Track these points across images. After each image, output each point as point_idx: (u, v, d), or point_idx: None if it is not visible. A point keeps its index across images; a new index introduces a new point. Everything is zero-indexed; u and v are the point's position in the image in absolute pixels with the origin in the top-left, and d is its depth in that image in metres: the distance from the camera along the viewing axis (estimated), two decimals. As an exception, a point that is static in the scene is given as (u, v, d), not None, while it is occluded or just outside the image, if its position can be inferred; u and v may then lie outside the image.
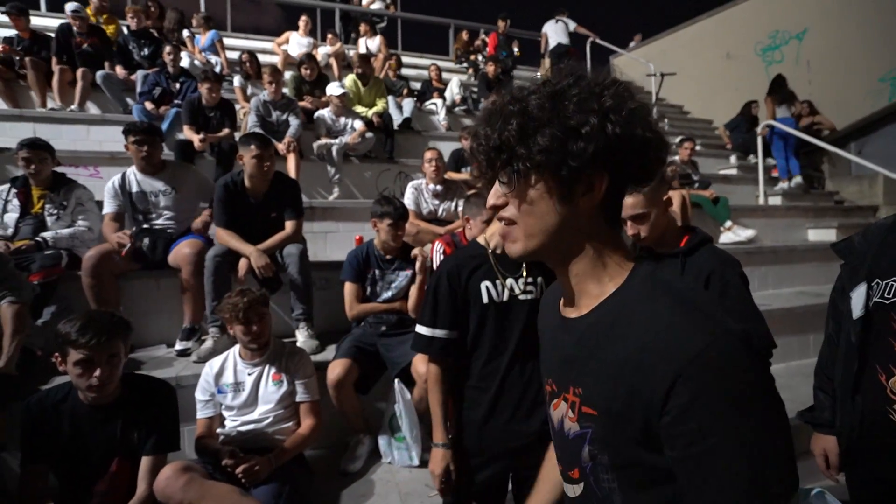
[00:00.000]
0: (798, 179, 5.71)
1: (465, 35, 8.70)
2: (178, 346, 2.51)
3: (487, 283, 1.31)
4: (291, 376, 2.02)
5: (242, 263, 2.54)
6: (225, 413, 1.99)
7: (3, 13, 4.83)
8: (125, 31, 5.14)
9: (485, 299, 1.30)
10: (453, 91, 6.26)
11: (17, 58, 4.59)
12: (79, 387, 1.60)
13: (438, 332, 1.33)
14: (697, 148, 5.43)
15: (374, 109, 4.89)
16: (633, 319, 0.56)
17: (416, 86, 6.38)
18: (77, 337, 1.53)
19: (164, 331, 2.68)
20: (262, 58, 5.83)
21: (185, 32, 5.92)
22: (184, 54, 5.13)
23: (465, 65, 8.28)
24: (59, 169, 2.93)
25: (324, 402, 2.13)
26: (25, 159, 2.69)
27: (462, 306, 1.32)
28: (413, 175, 4.44)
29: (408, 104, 5.37)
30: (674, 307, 0.54)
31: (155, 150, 2.75)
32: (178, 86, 4.53)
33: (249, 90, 4.91)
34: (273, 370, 2.01)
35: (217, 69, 5.61)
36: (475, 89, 6.65)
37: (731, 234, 4.50)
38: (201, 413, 1.98)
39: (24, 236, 2.63)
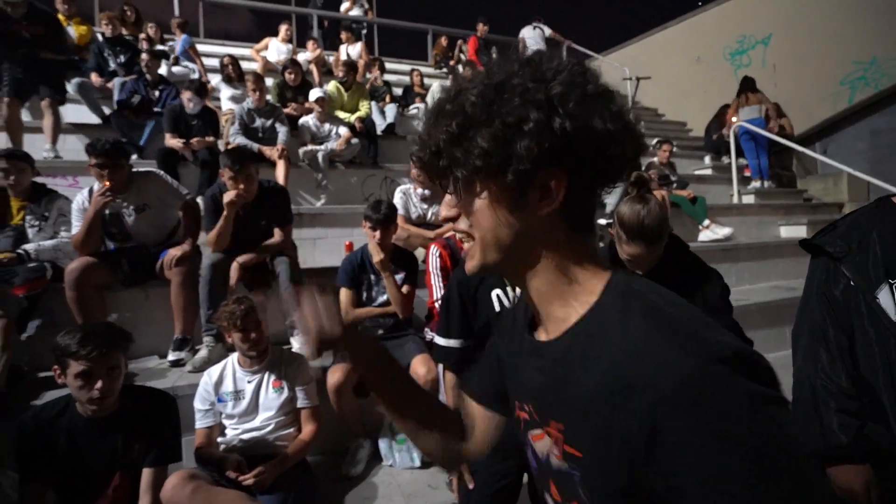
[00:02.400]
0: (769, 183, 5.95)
1: (443, 41, 8.79)
2: (171, 356, 2.47)
3: (499, 290, 1.33)
4: (291, 382, 2.03)
5: (233, 271, 2.52)
6: (225, 422, 1.97)
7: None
8: (100, 38, 5.03)
9: (496, 307, 1.31)
10: (435, 96, 6.30)
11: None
12: (79, 399, 1.57)
13: (452, 343, 1.37)
14: (674, 149, 5.61)
15: (357, 114, 4.90)
16: (606, 344, 0.47)
17: (398, 91, 6.42)
18: (77, 349, 1.51)
19: (155, 342, 2.63)
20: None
21: (169, 44, 5.82)
22: (163, 62, 5.04)
23: (444, 70, 8.37)
24: (39, 179, 2.86)
25: (323, 408, 2.13)
26: (3, 170, 2.61)
27: (473, 316, 1.34)
28: (399, 180, 4.47)
29: (391, 109, 5.40)
30: (651, 326, 0.45)
31: (119, 174, 2.51)
32: (157, 93, 4.45)
33: (230, 93, 4.86)
34: (273, 377, 2.01)
35: (195, 76, 5.54)
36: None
37: (710, 233, 4.67)
38: (201, 423, 1.96)
39: (3, 248, 2.55)
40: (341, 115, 4.86)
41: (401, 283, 2.57)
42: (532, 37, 7.99)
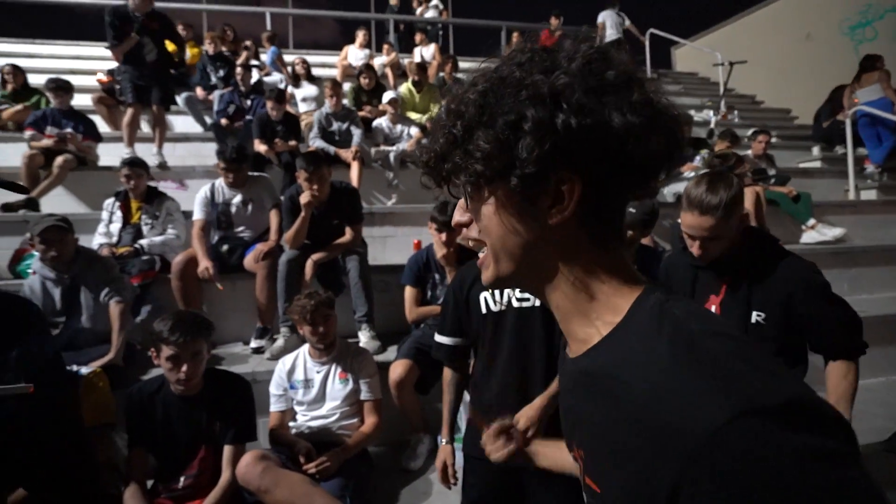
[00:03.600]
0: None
1: (515, 38, 8.64)
2: (253, 343, 2.71)
3: (486, 294, 1.38)
4: (356, 375, 2.12)
5: (308, 268, 2.69)
6: (296, 408, 2.12)
7: (106, 48, 5.45)
8: (205, 55, 5.62)
9: (483, 309, 1.37)
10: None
11: (117, 86, 5.16)
12: (169, 379, 1.78)
13: (445, 340, 1.47)
14: (773, 140, 5.03)
15: (429, 115, 5.00)
16: (627, 375, 0.41)
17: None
18: (168, 335, 1.71)
19: (240, 329, 2.90)
20: (322, 71, 6.15)
21: (262, 58, 6.37)
22: (255, 72, 5.52)
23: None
24: (152, 183, 3.27)
25: (385, 401, 2.21)
26: (126, 176, 3.03)
27: (465, 316, 1.41)
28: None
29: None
30: (681, 360, 0.38)
31: (239, 175, 2.95)
32: (248, 102, 4.89)
33: (302, 94, 5.23)
34: (339, 369, 2.12)
35: (282, 85, 6.00)
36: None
37: (815, 234, 4.12)
38: (275, 406, 2.12)
39: (125, 243, 2.96)
40: (413, 115, 4.99)
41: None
42: (613, 21, 7.58)
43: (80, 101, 4.53)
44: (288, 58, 6.68)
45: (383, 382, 2.25)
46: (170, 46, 4.47)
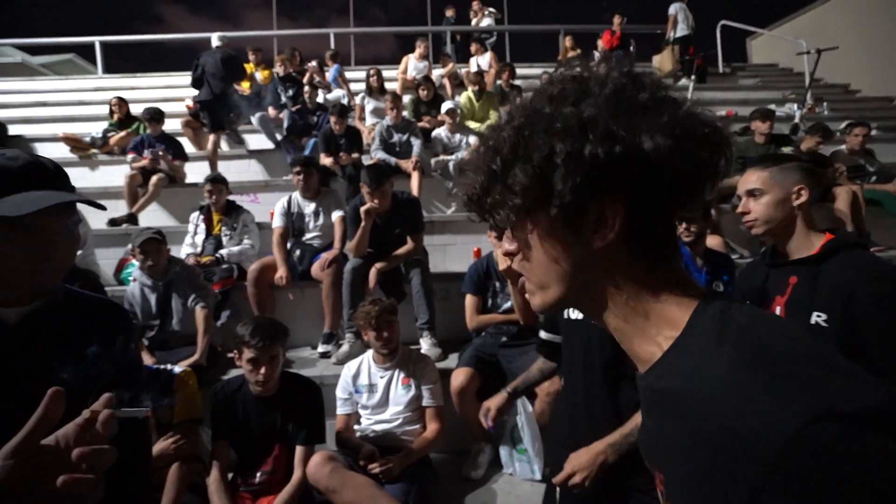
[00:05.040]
0: None
1: (568, 42, 8.45)
2: (320, 348, 2.83)
3: None
4: (418, 381, 2.15)
5: (371, 276, 2.77)
6: (361, 412, 2.18)
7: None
8: (276, 76, 6.02)
9: (565, 314, 1.36)
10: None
11: (201, 112, 5.67)
12: (249, 380, 1.90)
13: (544, 335, 1.52)
14: (873, 133, 4.51)
15: (487, 123, 5.00)
16: (695, 388, 0.39)
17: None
18: (249, 339, 1.83)
19: (308, 334, 3.05)
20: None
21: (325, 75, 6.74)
22: (320, 91, 5.84)
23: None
24: (231, 197, 3.55)
25: (446, 409, 2.22)
26: (209, 191, 3.31)
27: (560, 315, 1.41)
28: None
29: (520, 115, 5.39)
30: (747, 368, 0.36)
31: (310, 179, 3.19)
32: (315, 119, 5.17)
33: (371, 105, 5.42)
34: (402, 375, 2.16)
35: (344, 101, 6.28)
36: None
37: (928, 236, 3.63)
38: (341, 409, 2.20)
39: (207, 253, 3.22)
40: (472, 124, 5.02)
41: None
42: (684, 15, 7.22)
43: (171, 125, 5.02)
44: (355, 74, 6.99)
45: (445, 390, 2.26)
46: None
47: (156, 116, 4.53)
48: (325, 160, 4.29)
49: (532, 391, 2.23)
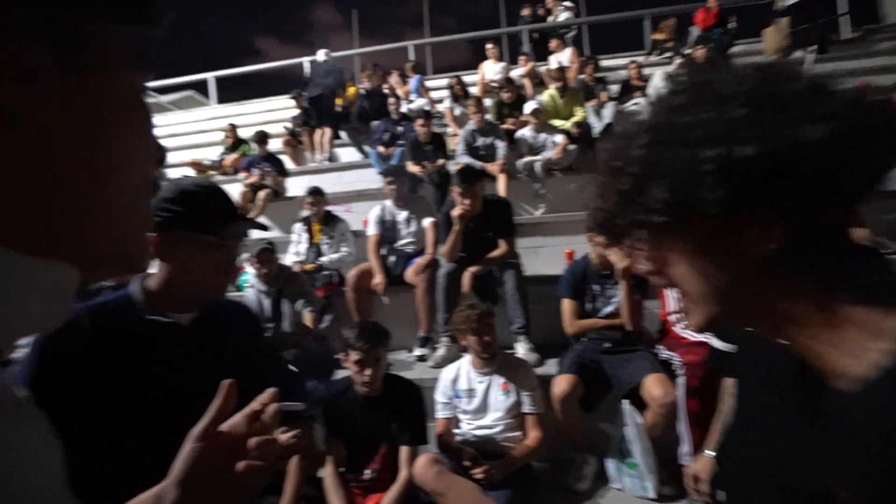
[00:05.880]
0: None
1: (665, 25, 7.88)
2: (416, 352, 2.90)
3: None
4: (518, 387, 2.11)
5: (465, 280, 2.78)
6: (460, 416, 2.19)
7: (289, 97, 6.57)
8: (361, 92, 6.36)
9: None
10: (658, 86, 5.70)
11: (298, 129, 6.16)
12: (356, 381, 1.99)
13: (717, 344, 1.45)
14: None
15: (573, 120, 4.83)
16: None
17: (615, 88, 6.05)
18: (354, 341, 1.91)
19: (404, 338, 3.12)
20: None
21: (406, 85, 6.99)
22: (402, 102, 6.05)
23: (667, 55, 7.49)
24: (328, 207, 3.78)
25: (547, 417, 2.14)
26: (309, 203, 3.55)
27: None
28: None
29: (608, 109, 5.13)
30: None
31: (401, 187, 3.32)
32: (400, 128, 5.36)
33: (458, 111, 5.49)
34: (501, 380, 2.12)
35: (426, 109, 6.44)
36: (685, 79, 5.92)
37: None
38: (441, 413, 2.22)
39: (310, 261, 3.46)
40: (557, 122, 4.88)
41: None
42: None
43: (273, 144, 5.50)
44: (433, 83, 7.15)
45: (545, 397, 2.18)
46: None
47: (262, 138, 5.01)
48: (413, 168, 4.42)
49: (641, 400, 2.09)
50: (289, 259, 3.55)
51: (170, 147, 7.26)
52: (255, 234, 4.28)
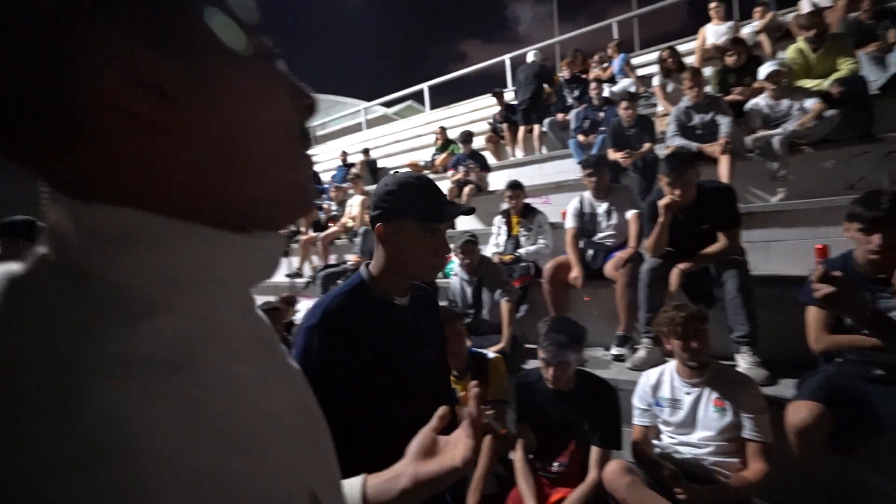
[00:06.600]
0: None
1: None
2: (614, 350, 2.76)
3: None
4: (737, 407, 1.81)
5: (673, 278, 2.50)
6: (661, 427, 2.00)
7: (491, 95, 6.95)
8: (562, 81, 6.24)
9: None
10: None
11: (499, 125, 6.47)
12: (543, 375, 2.03)
13: None
14: None
15: (835, 76, 3.74)
16: None
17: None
18: (542, 340, 1.95)
19: (601, 334, 3.01)
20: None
21: (608, 65, 6.54)
22: (605, 85, 5.69)
23: None
24: (526, 200, 3.88)
25: (779, 449, 1.77)
26: (509, 196, 3.72)
27: None
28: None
29: (896, 55, 3.80)
30: None
31: (602, 179, 3.17)
32: (601, 114, 5.07)
33: (670, 87, 4.85)
34: (715, 395, 1.86)
35: (632, 89, 5.89)
36: None
37: None
38: (638, 420, 2.07)
39: (508, 252, 3.63)
40: (807, 84, 3.86)
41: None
42: None
43: (478, 142, 5.93)
44: (641, 59, 6.52)
45: (777, 424, 1.81)
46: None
47: (467, 138, 5.45)
48: (615, 155, 4.15)
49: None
50: (489, 250, 3.79)
51: (394, 152, 8.59)
52: (460, 226, 4.77)
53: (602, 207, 3.18)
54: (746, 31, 5.68)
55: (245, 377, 0.30)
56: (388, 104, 14.01)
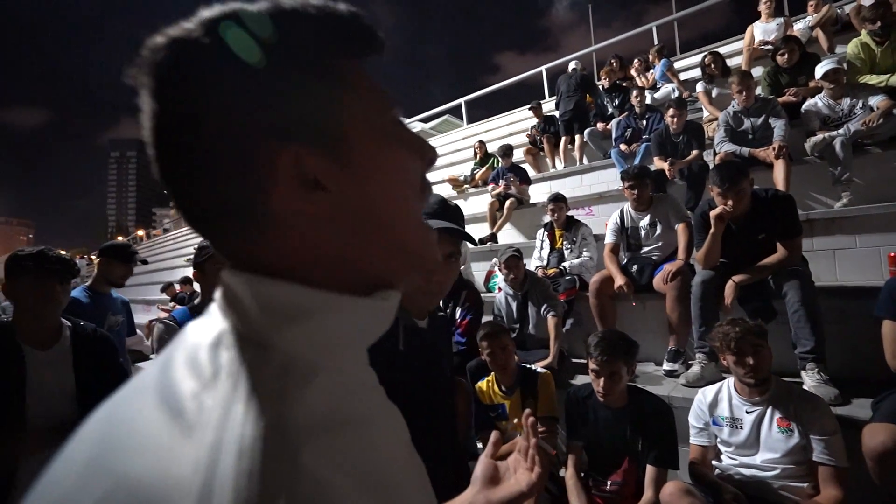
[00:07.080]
0: None
1: None
2: (666, 366, 2.67)
3: None
4: (805, 428, 1.71)
5: (728, 291, 2.41)
6: (721, 447, 1.92)
7: (528, 109, 6.97)
8: (601, 90, 6.17)
9: None
10: None
11: (538, 137, 6.46)
12: (594, 388, 2.00)
13: None
14: None
15: (903, 72, 3.50)
16: None
17: None
18: (592, 350, 1.93)
19: (651, 349, 2.92)
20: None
21: (651, 72, 6.40)
22: (647, 92, 5.55)
23: None
24: (569, 213, 3.85)
25: (857, 473, 1.66)
26: (551, 209, 3.71)
27: None
28: None
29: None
30: None
31: (643, 191, 3.09)
32: (644, 122, 4.96)
33: (715, 92, 4.68)
34: (779, 414, 1.77)
35: (675, 95, 5.72)
36: None
37: None
38: (695, 439, 2.00)
39: (552, 266, 3.61)
40: (871, 80, 3.63)
41: None
42: None
43: (515, 154, 5.93)
44: (682, 63, 6.35)
45: (851, 448, 1.70)
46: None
47: (507, 152, 5.48)
48: (660, 164, 4.05)
49: None
50: (532, 264, 3.78)
51: (434, 167, 8.71)
52: (503, 240, 4.77)
53: (644, 220, 3.11)
54: (799, 26, 5.41)
55: (384, 425, 0.33)
56: (425, 119, 14.28)
